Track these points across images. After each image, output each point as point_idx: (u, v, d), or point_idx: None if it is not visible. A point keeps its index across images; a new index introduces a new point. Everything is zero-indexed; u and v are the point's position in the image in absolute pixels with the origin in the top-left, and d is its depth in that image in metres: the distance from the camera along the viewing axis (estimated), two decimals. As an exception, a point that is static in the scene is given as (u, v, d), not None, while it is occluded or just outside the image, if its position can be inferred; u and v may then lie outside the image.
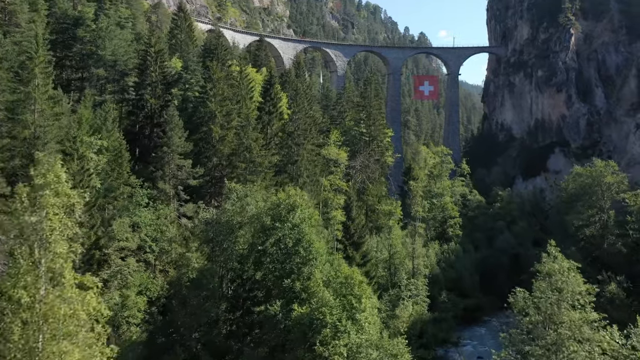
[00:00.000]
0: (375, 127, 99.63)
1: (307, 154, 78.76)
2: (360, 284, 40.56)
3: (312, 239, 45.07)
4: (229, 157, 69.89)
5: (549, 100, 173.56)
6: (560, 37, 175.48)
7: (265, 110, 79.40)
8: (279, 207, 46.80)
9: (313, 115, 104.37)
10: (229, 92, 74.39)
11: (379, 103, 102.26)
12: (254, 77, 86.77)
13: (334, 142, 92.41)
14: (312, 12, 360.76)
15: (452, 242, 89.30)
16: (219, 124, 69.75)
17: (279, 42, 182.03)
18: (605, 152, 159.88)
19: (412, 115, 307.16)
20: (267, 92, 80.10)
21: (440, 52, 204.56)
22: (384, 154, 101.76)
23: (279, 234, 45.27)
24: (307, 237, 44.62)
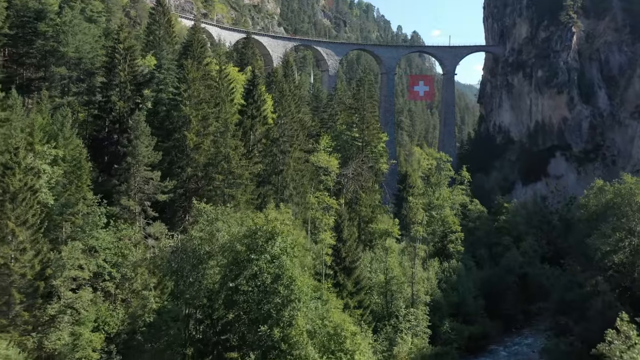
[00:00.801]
0: (369, 132, 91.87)
1: (294, 163, 70.93)
2: (352, 337, 32.79)
3: (295, 274, 37.35)
4: (205, 167, 62.01)
5: (550, 101, 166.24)
6: (561, 35, 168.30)
7: (247, 113, 71.54)
8: (256, 234, 38.90)
9: (301, 118, 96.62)
10: (206, 93, 66.42)
11: (372, 105, 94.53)
12: (235, 77, 78.82)
13: (324, 149, 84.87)
14: (303, 10, 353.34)
15: (453, 259, 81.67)
16: (194, 129, 61.85)
17: (267, 40, 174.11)
18: (609, 157, 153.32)
19: (406, 115, 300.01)
20: (250, 94, 72.27)
21: (435, 51, 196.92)
22: (378, 161, 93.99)
23: (254, 268, 37.44)
24: (288, 273, 36.93)
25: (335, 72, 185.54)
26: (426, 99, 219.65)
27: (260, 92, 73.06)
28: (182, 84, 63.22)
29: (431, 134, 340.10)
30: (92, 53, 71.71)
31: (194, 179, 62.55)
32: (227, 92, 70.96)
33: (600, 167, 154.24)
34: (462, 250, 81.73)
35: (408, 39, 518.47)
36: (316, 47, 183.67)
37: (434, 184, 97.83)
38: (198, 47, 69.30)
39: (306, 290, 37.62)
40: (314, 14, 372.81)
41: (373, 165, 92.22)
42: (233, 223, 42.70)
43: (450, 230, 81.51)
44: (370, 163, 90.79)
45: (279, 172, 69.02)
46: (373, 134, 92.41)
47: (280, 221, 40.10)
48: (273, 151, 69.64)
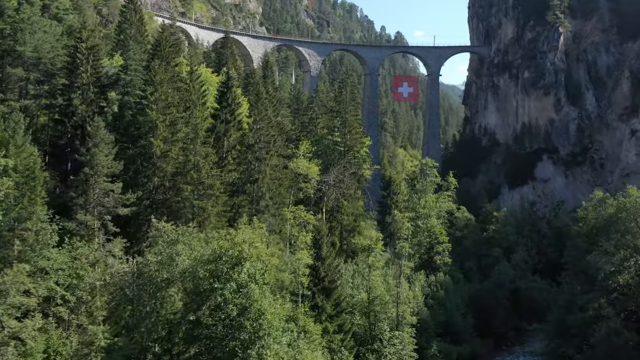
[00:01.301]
0: (351, 136, 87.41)
1: (271, 171, 66.27)
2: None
3: (264, 305, 32.61)
4: (173, 177, 57.19)
5: (536, 103, 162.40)
6: (548, 36, 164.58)
7: (221, 118, 66.82)
8: (220, 259, 34.15)
9: (280, 122, 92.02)
10: (176, 97, 61.64)
11: (355, 108, 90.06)
12: (208, 79, 73.95)
13: (304, 154, 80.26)
14: (286, 10, 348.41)
15: (441, 271, 77.11)
16: (161, 136, 57.00)
17: (247, 40, 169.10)
18: (597, 160, 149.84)
19: (390, 117, 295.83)
20: (223, 97, 67.50)
21: (420, 51, 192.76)
22: (361, 166, 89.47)
23: (218, 299, 32.71)
24: (256, 305, 32.20)
25: (317, 72, 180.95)
26: (410, 100, 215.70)
27: (235, 95, 68.33)
28: (149, 86, 58.34)
29: (415, 135, 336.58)
30: (53, 53, 66.52)
31: (161, 190, 57.73)
32: (199, 95, 66.29)
33: (589, 170, 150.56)
34: (449, 262, 77.31)
35: (391, 40, 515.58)
36: (298, 48, 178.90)
37: (419, 191, 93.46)
38: (166, 47, 64.43)
39: (277, 324, 32.93)
40: (297, 13, 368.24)
41: (356, 172, 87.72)
42: (196, 245, 37.81)
43: (437, 241, 77.10)
44: (352, 169, 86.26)
45: (254, 181, 64.34)
46: (355, 138, 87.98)
47: (249, 243, 35.21)
48: (248, 158, 64.90)
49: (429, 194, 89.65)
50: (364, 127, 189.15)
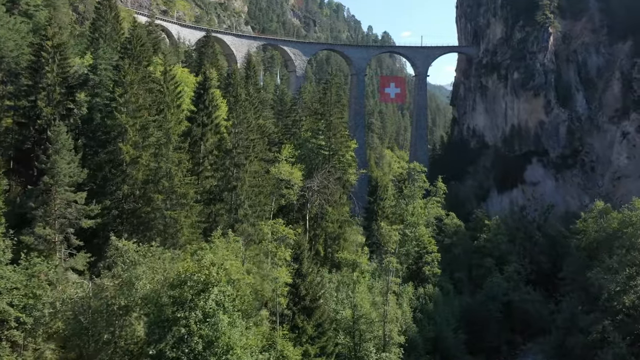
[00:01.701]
0: (336, 140, 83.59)
1: (250, 178, 62.31)
2: None
3: (234, 338, 28.74)
4: (143, 185, 53.20)
5: (526, 105, 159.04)
6: (537, 36, 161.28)
7: (197, 121, 62.88)
8: (185, 284, 30.26)
9: (262, 125, 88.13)
10: (148, 99, 57.69)
11: (340, 110, 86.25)
12: (184, 79, 69.87)
13: (287, 159, 76.36)
14: (272, 9, 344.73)
15: (430, 283, 73.29)
16: (131, 141, 53.01)
17: (231, 39, 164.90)
18: (587, 163, 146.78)
19: (376, 117, 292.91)
20: (200, 99, 63.53)
21: (407, 51, 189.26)
22: (347, 171, 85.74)
23: (181, 330, 28.82)
24: (224, 339, 28.31)
25: (303, 72, 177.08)
26: (397, 101, 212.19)
27: (212, 97, 64.34)
28: (118, 87, 54.32)
29: (402, 136, 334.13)
30: (17, 51, 62.40)
31: (131, 199, 53.73)
32: (173, 97, 62.21)
33: (579, 173, 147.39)
34: (438, 273, 73.65)
35: (378, 39, 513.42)
36: (283, 47, 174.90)
37: (407, 196, 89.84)
38: (138, 46, 60.25)
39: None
40: (283, 13, 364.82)
41: (341, 177, 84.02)
42: (159, 267, 33.85)
43: (425, 250, 73.48)
44: (337, 174, 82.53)
45: (232, 189, 60.37)
46: (341, 142, 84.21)
47: (217, 266, 31.30)
48: (225, 164, 60.95)
49: (417, 199, 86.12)
50: (351, 128, 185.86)
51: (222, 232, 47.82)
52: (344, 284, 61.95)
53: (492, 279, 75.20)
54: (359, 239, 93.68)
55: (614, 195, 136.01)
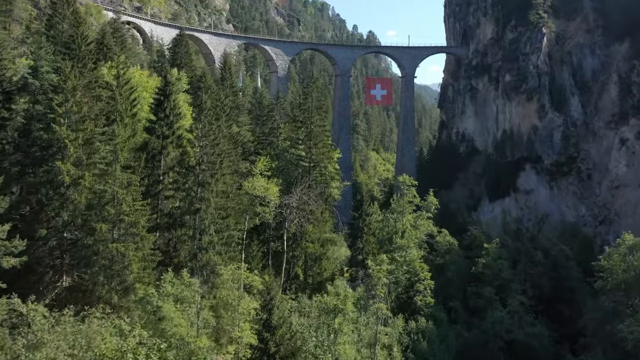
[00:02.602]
0: (318, 150, 75.31)
1: (217, 198, 53.87)
2: None
3: None
4: (86, 211, 44.70)
5: (518, 109, 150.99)
6: (530, 37, 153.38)
7: (156, 132, 54.47)
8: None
9: (236, 134, 79.76)
10: (95, 108, 49.21)
11: (321, 118, 78.05)
12: (143, 84, 61.25)
13: (262, 172, 68.11)
14: (255, 7, 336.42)
15: (422, 314, 64.89)
16: (72, 158, 44.50)
17: (209, 37, 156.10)
18: (584, 170, 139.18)
19: (361, 119, 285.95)
20: (160, 107, 55.17)
21: (394, 52, 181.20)
22: (329, 185, 77.53)
23: None
24: None
25: (285, 73, 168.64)
26: (383, 103, 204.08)
27: (174, 104, 55.93)
28: (57, 95, 45.77)
29: (388, 137, 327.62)
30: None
31: (73, 227, 45.26)
32: (128, 105, 53.70)
33: (575, 182, 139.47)
34: (431, 303, 65.59)
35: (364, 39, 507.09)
36: (264, 46, 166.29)
37: (395, 211, 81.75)
38: (82, 45, 51.62)
39: None
40: (266, 11, 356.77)
41: (323, 191, 75.85)
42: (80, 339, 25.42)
43: (417, 278, 65.43)
44: (319, 189, 74.38)
45: (195, 211, 51.91)
46: (323, 153, 75.97)
47: (148, 347, 22.94)
48: (188, 183, 52.51)
49: (407, 215, 78.14)
50: (335, 131, 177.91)
51: (182, 270, 39.79)
52: (324, 325, 53.72)
53: (492, 314, 67.05)
54: (342, 255, 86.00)
55: (612, 205, 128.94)
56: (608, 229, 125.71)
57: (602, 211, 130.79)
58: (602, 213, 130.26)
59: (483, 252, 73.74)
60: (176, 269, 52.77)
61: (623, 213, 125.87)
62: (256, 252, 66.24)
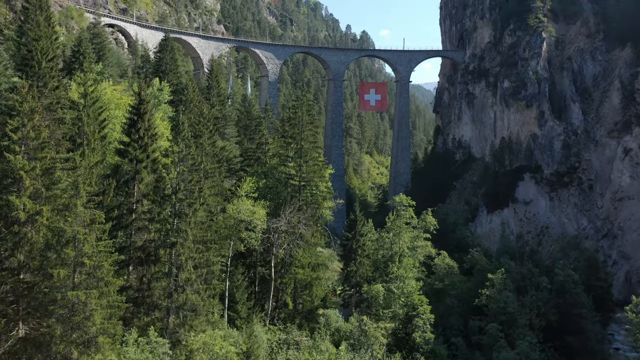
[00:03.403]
0: (309, 168, 70.01)
1: (196, 230, 48.57)
2: None
3: None
4: (43, 252, 39.31)
5: (517, 116, 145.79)
6: (530, 42, 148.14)
7: (130, 155, 49.06)
8: None
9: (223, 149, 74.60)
10: (57, 132, 43.85)
11: (313, 133, 72.59)
12: (116, 101, 55.74)
13: (248, 194, 62.93)
14: (247, 7, 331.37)
15: (421, 353, 59.30)
16: (29, 191, 39.11)
17: (197, 41, 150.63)
18: (585, 181, 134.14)
19: (355, 122, 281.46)
20: (134, 127, 49.77)
21: (388, 55, 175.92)
22: (321, 205, 72.22)
23: None
24: None
25: (276, 77, 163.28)
26: (378, 109, 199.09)
27: (149, 125, 50.52)
28: (12, 119, 40.38)
29: (381, 140, 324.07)
30: None
31: (27, 270, 39.89)
32: (96, 127, 48.35)
33: (576, 193, 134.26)
34: (431, 339, 60.37)
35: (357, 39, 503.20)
36: (254, 50, 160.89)
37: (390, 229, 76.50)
38: (42, 61, 46.06)
39: None
40: (259, 11, 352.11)
41: (314, 213, 70.62)
42: None
43: (416, 313, 60.26)
44: (309, 210, 69.14)
45: (171, 245, 46.60)
46: (314, 171, 70.68)
47: None
48: (163, 214, 47.15)
49: (404, 237, 72.95)
50: (327, 137, 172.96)
51: (155, 310, 34.53)
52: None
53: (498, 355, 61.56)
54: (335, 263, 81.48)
55: (615, 218, 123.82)
56: (611, 243, 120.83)
57: (604, 224, 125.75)
58: (605, 227, 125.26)
59: (487, 282, 68.67)
60: (149, 309, 47.75)
61: (627, 227, 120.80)
62: (241, 281, 61.12)
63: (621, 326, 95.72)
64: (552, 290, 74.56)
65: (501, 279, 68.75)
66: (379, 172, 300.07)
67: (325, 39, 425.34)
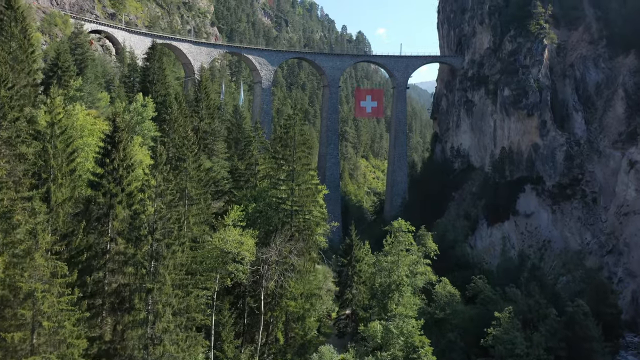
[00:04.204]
0: (301, 192, 65.37)
1: (175, 274, 43.98)
2: None
3: None
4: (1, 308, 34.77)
5: (518, 125, 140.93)
6: (531, 48, 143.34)
7: (103, 188, 44.40)
8: None
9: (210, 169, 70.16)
10: (18, 168, 39.31)
11: (306, 155, 67.92)
12: (89, 127, 50.93)
13: (235, 223, 58.23)
14: (241, 8, 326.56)
15: (424, 401, 55.02)
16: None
17: (188, 47, 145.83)
18: (589, 194, 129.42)
19: (350, 125, 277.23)
20: (108, 157, 45.16)
21: (385, 61, 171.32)
22: (314, 231, 67.61)
23: None
24: None
25: (269, 84, 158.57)
26: (374, 116, 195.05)
27: (125, 155, 45.83)
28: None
29: (378, 143, 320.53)
30: None
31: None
32: (64, 160, 43.70)
33: (579, 206, 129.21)
34: (432, 377, 55.88)
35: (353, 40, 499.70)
36: (247, 55, 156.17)
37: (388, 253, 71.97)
38: (2, 89, 41.15)
39: None
40: (253, 12, 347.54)
41: (307, 239, 66.06)
42: None
43: (416, 355, 55.57)
44: (301, 239, 64.56)
45: (147, 292, 42.04)
46: (307, 195, 66.08)
47: None
48: (137, 257, 42.55)
49: (402, 266, 68.44)
50: (322, 145, 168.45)
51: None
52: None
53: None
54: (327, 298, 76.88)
55: (621, 233, 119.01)
56: (617, 260, 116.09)
57: (609, 240, 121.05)
58: (610, 242, 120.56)
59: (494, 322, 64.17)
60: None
61: (634, 243, 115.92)
62: (227, 318, 56.64)
63: (628, 351, 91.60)
64: (560, 321, 70.16)
65: (508, 317, 64.36)
66: (375, 176, 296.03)
67: (321, 40, 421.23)
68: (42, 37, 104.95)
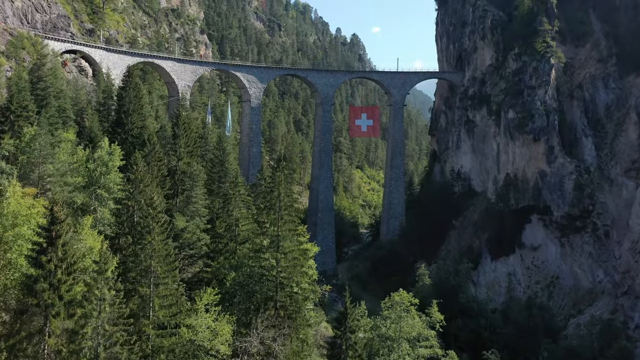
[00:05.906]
0: (287, 260, 56.45)
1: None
2: None
3: None
4: None
5: (523, 150, 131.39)
6: (537, 68, 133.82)
7: (36, 297, 35.61)
8: None
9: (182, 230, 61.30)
10: None
11: (293, 218, 58.75)
12: (22, 213, 41.47)
13: (208, 307, 49.37)
14: (232, 13, 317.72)
15: None
16: None
17: (172, 65, 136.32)
18: (600, 227, 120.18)
19: (345, 136, 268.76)
20: (43, 256, 36.46)
21: (381, 77, 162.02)
22: (302, 307, 58.71)
23: None
24: None
25: (259, 102, 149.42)
26: (370, 135, 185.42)
27: (66, 253, 36.88)
28: None
29: (373, 153, 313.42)
30: None
31: None
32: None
33: (590, 240, 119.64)
34: None
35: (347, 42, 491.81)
36: (234, 73, 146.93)
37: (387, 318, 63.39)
38: None
39: None
40: (245, 17, 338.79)
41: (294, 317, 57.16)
42: None
43: None
44: (288, 315, 55.77)
45: None
46: (294, 265, 57.17)
47: None
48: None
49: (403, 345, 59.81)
50: (315, 167, 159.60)
51: None
52: None
53: None
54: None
55: (637, 273, 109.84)
56: (634, 303, 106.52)
57: (624, 280, 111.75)
58: (625, 282, 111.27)
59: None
60: None
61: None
62: None
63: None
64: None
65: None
66: (370, 187, 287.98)
67: (315, 44, 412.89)
68: (7, 62, 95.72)
